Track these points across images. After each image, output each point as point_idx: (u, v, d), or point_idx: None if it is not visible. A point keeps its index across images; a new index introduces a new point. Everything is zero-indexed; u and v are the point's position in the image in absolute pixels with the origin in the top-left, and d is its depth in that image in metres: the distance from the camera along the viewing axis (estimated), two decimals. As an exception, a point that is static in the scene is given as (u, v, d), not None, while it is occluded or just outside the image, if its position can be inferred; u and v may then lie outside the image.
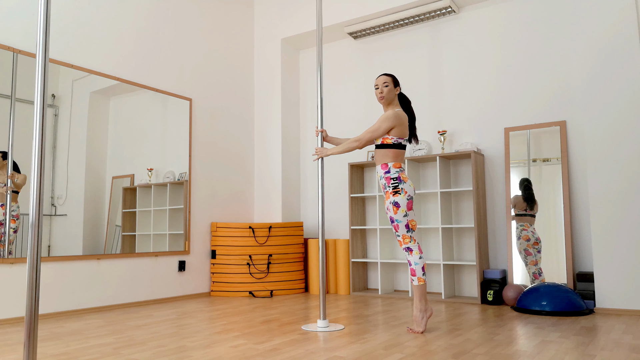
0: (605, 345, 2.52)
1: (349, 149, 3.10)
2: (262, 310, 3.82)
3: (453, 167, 4.63)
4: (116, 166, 4.18)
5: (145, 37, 4.52)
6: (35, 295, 1.70)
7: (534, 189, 4.16)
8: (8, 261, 3.40)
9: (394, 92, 3.09)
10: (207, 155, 5.04)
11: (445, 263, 4.25)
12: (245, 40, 5.65)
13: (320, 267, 3.19)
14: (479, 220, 4.21)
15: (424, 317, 2.93)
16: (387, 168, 3.00)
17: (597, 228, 3.64)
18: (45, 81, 1.77)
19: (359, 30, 5.10)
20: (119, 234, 4.13)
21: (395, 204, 2.94)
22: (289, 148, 5.53)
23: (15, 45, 3.60)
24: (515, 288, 3.90)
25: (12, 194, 3.46)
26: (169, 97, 4.68)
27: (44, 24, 1.78)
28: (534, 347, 2.50)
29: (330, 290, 4.91)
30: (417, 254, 2.96)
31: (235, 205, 5.31)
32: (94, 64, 4.09)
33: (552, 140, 4.15)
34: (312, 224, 5.50)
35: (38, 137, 1.75)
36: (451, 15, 4.78)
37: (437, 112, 4.79)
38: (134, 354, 2.45)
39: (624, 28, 3.66)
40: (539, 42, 4.33)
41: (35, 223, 1.73)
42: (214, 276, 4.82)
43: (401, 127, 3.01)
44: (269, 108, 5.56)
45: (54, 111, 3.79)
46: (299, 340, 2.74)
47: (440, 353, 2.41)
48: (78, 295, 3.80)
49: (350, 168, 4.87)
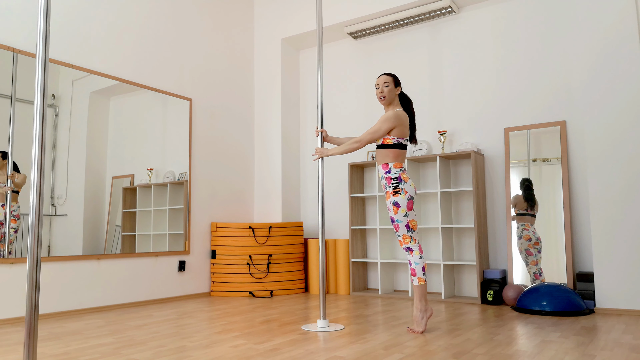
0: (605, 345, 2.52)
1: (349, 149, 3.10)
2: (262, 310, 3.82)
3: (453, 167, 4.63)
4: (116, 166, 4.18)
5: (145, 37, 4.52)
6: (35, 295, 1.70)
7: (534, 189, 4.16)
8: (8, 261, 3.40)
9: (394, 92, 3.09)
10: (207, 155, 5.04)
11: (445, 263, 4.25)
12: (245, 40, 5.65)
13: (320, 267, 3.19)
14: (479, 220, 4.21)
15: (424, 317, 2.93)
16: (388, 168, 3.00)
17: (597, 228, 3.64)
18: (45, 81, 1.77)
19: (359, 30, 5.10)
20: (119, 234, 4.13)
21: (395, 204, 2.94)
22: (289, 148, 5.53)
23: (15, 45, 3.60)
24: (515, 288, 3.90)
25: (12, 194, 3.46)
26: (169, 97, 4.68)
27: (44, 24, 1.78)
28: (534, 347, 2.50)
29: (330, 290, 4.91)
30: (418, 254, 2.96)
31: (235, 205, 5.31)
32: (94, 64, 4.09)
33: (552, 140, 4.15)
34: (312, 224, 5.50)
35: (38, 137, 1.75)
36: (451, 15, 4.78)
37: (437, 112, 4.79)
38: (134, 354, 2.45)
39: (624, 28, 3.66)
40: (539, 42, 4.33)
41: (35, 223, 1.73)
42: (214, 276, 4.82)
43: (402, 128, 3.01)
44: (269, 108, 5.56)
45: (54, 111, 3.79)
46: (299, 340, 2.74)
47: (440, 353, 2.41)
48: (78, 295, 3.80)
49: (350, 168, 4.87)
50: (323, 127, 3.28)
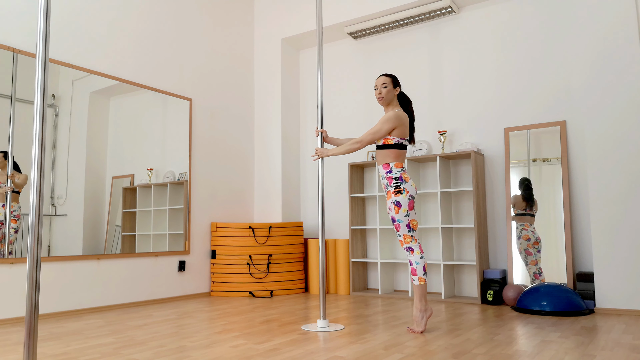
0: (605, 345, 2.52)
1: (349, 150, 3.10)
2: (262, 310, 3.82)
3: (453, 167, 4.63)
4: (116, 166, 4.18)
5: (145, 37, 4.52)
6: (35, 295, 1.70)
7: (533, 189, 4.16)
8: (8, 261, 3.40)
9: (393, 92, 3.09)
10: (207, 155, 5.03)
11: (445, 263, 4.25)
12: (245, 40, 5.65)
13: (320, 267, 3.19)
14: (479, 220, 4.21)
15: (424, 317, 2.93)
16: (389, 168, 3.00)
17: (597, 228, 3.64)
18: (45, 81, 1.77)
19: (359, 30, 5.10)
20: (119, 234, 4.13)
21: (396, 204, 2.95)
22: (289, 148, 5.53)
23: (15, 45, 3.60)
24: (515, 288, 3.90)
25: (13, 194, 3.46)
26: (169, 97, 4.68)
27: (44, 24, 1.78)
28: (534, 347, 2.50)
29: (330, 290, 4.91)
30: (419, 253, 2.97)
31: (235, 205, 5.31)
32: (94, 64, 4.09)
33: (552, 140, 4.15)
34: (312, 224, 5.50)
35: (38, 137, 1.75)
36: (451, 15, 4.78)
37: (437, 112, 4.79)
38: (134, 354, 2.45)
39: (624, 28, 3.66)
40: (539, 42, 4.33)
41: (35, 223, 1.73)
42: (214, 276, 4.82)
43: (402, 128, 3.01)
44: (269, 108, 5.56)
45: (54, 111, 3.79)
46: (299, 340, 2.74)
47: (440, 353, 2.41)
48: (78, 295, 3.80)
49: (350, 168, 4.87)
50: (323, 127, 3.28)
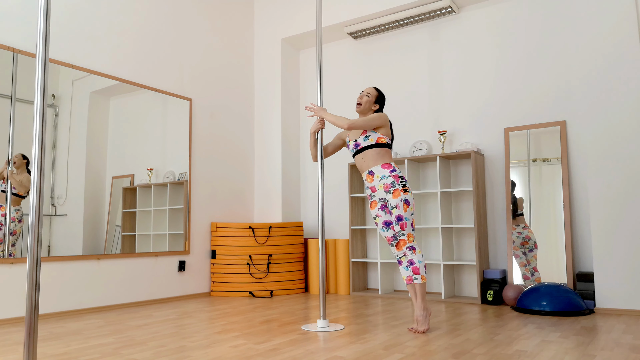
0: (605, 345, 2.52)
1: (339, 123, 3.02)
2: (262, 310, 3.82)
3: (453, 167, 4.63)
4: (116, 166, 4.18)
5: (145, 37, 4.52)
6: (35, 295, 1.70)
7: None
8: (8, 261, 3.40)
9: (371, 106, 3.17)
10: (207, 155, 5.03)
11: (445, 263, 4.25)
12: (245, 40, 5.65)
13: (320, 267, 3.19)
14: (479, 220, 4.21)
15: (427, 315, 2.94)
16: (392, 167, 3.03)
17: (597, 228, 3.64)
18: (45, 81, 1.77)
19: (359, 30, 5.10)
20: (119, 234, 4.13)
21: (405, 202, 2.96)
22: (289, 148, 5.53)
23: (15, 45, 3.60)
24: (515, 288, 3.90)
25: (16, 198, 3.46)
26: (169, 97, 4.68)
27: (44, 24, 1.78)
28: (534, 347, 2.50)
29: (330, 290, 4.91)
30: (420, 252, 3.01)
31: (235, 205, 5.31)
32: (94, 64, 4.09)
33: (552, 140, 4.15)
34: (312, 224, 5.50)
35: (38, 137, 1.75)
36: (451, 15, 4.78)
37: (437, 112, 4.79)
38: (134, 354, 2.45)
39: (624, 28, 3.66)
40: (539, 41, 4.33)
41: (35, 223, 1.73)
42: (214, 276, 4.82)
43: (387, 130, 3.11)
44: (269, 108, 5.56)
45: (54, 111, 3.79)
46: (299, 340, 2.74)
47: (440, 353, 2.41)
48: (78, 295, 3.80)
49: (350, 168, 4.87)
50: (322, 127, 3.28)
